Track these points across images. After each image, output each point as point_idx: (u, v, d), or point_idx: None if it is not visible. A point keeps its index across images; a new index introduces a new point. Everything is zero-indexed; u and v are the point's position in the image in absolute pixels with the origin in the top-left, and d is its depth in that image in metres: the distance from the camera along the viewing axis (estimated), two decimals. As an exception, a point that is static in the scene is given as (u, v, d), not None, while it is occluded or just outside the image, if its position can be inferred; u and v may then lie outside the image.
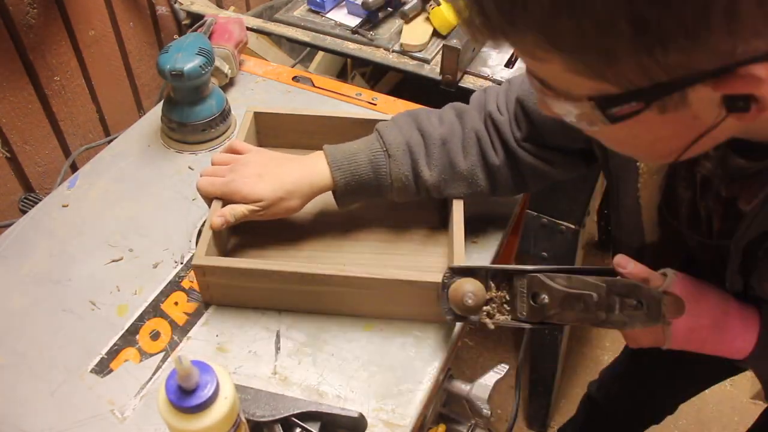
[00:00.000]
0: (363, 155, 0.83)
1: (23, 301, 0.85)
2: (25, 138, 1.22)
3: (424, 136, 0.84)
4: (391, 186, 0.84)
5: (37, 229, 0.94)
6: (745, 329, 0.69)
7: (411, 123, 0.85)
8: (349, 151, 0.84)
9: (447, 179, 0.84)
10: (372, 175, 0.83)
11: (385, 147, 0.83)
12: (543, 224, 1.41)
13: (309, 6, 1.44)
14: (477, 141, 0.84)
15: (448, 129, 0.84)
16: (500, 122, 0.83)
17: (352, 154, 0.84)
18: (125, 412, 0.75)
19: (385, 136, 0.84)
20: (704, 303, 0.69)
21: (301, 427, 0.71)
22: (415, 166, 0.83)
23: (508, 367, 0.88)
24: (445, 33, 1.32)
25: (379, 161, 0.83)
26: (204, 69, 1.00)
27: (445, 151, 0.83)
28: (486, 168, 0.84)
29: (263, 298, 0.83)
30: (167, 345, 0.81)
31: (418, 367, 0.79)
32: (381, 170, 0.83)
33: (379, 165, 0.83)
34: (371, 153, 0.83)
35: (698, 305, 0.69)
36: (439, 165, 0.83)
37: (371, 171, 0.83)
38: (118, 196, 0.99)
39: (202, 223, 0.95)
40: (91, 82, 1.32)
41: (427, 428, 0.87)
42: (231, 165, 0.86)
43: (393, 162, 0.83)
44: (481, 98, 0.87)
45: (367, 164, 0.83)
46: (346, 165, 0.83)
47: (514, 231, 1.21)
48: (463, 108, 0.87)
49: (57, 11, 1.20)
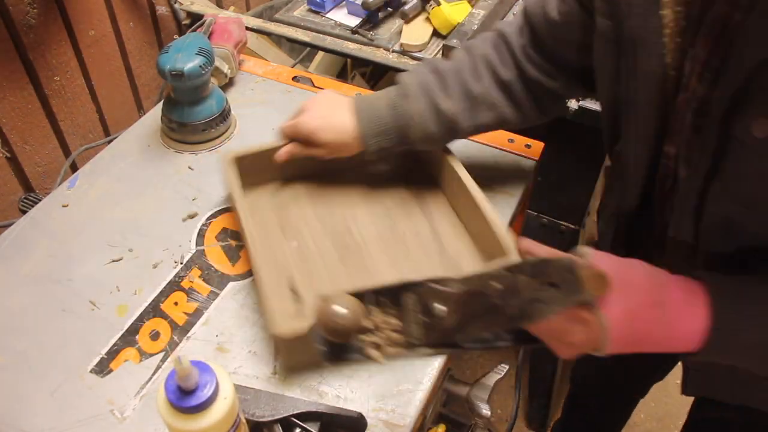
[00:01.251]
0: (383, 101, 0.88)
1: (23, 301, 0.85)
2: (25, 138, 1.22)
3: (437, 72, 0.87)
4: (410, 125, 0.86)
5: (37, 229, 0.94)
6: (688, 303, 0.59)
7: (426, 66, 0.89)
8: (373, 97, 0.89)
9: (467, 107, 0.86)
10: (392, 118, 0.86)
11: (402, 89, 0.87)
12: (543, 224, 1.41)
13: (309, 6, 1.44)
14: (487, 63, 0.86)
15: (459, 60, 0.87)
16: (509, 36, 0.86)
17: (374, 100, 0.88)
18: (125, 412, 0.75)
19: (402, 80, 0.88)
20: (635, 278, 0.60)
21: (301, 427, 0.71)
22: (432, 100, 0.85)
23: (508, 367, 0.88)
24: (445, 33, 1.32)
25: (396, 102, 0.86)
26: (204, 69, 1.00)
27: (459, 80, 0.86)
28: (501, 86, 0.86)
29: None
30: (167, 345, 0.81)
31: (418, 367, 0.79)
32: (398, 110, 0.86)
33: (396, 105, 0.86)
34: (389, 98, 0.87)
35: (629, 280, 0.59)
36: (456, 93, 0.86)
37: (390, 112, 0.86)
38: (118, 196, 0.99)
39: (203, 223, 0.95)
40: (91, 82, 1.32)
41: (427, 428, 0.87)
42: (302, 106, 0.93)
43: (410, 100, 0.86)
44: (488, 33, 0.90)
45: (386, 108, 0.87)
46: (366, 109, 0.87)
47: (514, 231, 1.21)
48: (471, 42, 0.90)
49: (57, 11, 1.20)
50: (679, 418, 1.76)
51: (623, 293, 0.58)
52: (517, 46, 0.86)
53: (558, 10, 0.81)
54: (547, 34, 0.83)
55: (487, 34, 0.90)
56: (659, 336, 0.60)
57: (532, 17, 0.84)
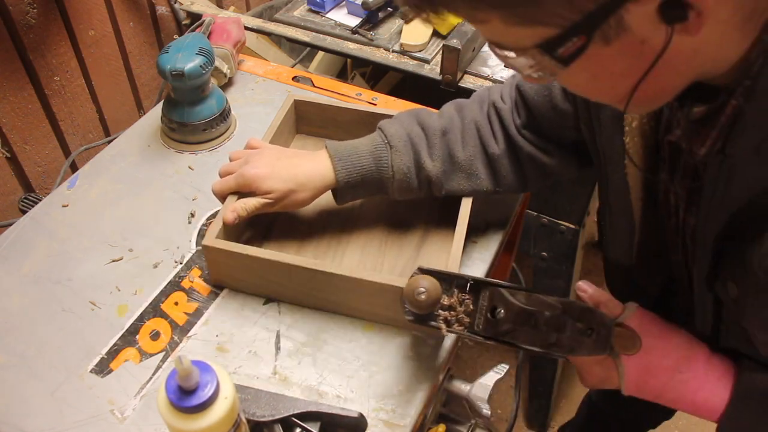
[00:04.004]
0: (365, 148, 0.84)
1: (23, 301, 0.85)
2: (25, 138, 1.22)
3: (424, 128, 0.84)
4: (392, 179, 0.84)
5: (37, 229, 0.94)
6: (709, 380, 0.65)
7: (412, 118, 0.86)
8: (352, 145, 0.85)
9: (447, 171, 0.84)
10: (374, 167, 0.84)
11: (387, 139, 0.84)
12: (543, 224, 1.41)
13: (309, 6, 1.44)
14: (476, 131, 0.84)
15: (448, 121, 0.85)
16: (503, 110, 0.84)
17: (354, 148, 0.84)
18: (125, 412, 0.75)
19: (387, 130, 0.85)
20: (665, 342, 0.67)
21: (301, 427, 0.71)
22: (417, 158, 0.83)
23: (508, 367, 0.88)
24: (445, 33, 1.32)
25: (381, 153, 0.83)
26: (204, 69, 1.00)
27: (445, 142, 0.84)
28: (486, 158, 0.85)
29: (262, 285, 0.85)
30: (167, 345, 0.81)
31: (418, 367, 0.79)
32: (383, 162, 0.83)
33: (381, 157, 0.83)
34: (373, 146, 0.84)
35: (658, 344, 0.66)
36: (441, 156, 0.84)
37: (373, 163, 0.84)
38: (118, 196, 0.99)
39: (203, 223, 0.95)
40: (91, 82, 1.32)
41: (427, 428, 0.87)
42: (244, 158, 0.87)
43: (395, 153, 0.83)
44: (484, 93, 0.88)
45: (369, 156, 0.84)
46: (347, 158, 0.84)
47: (514, 231, 1.21)
48: (463, 102, 0.88)
49: (57, 11, 1.20)
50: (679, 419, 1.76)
51: (647, 352, 0.65)
52: (511, 123, 0.84)
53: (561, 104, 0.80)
54: (547, 118, 0.82)
55: (480, 98, 0.88)
56: (673, 398, 0.67)
57: (528, 99, 0.83)
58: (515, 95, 0.85)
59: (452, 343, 0.82)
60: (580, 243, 1.44)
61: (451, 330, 0.69)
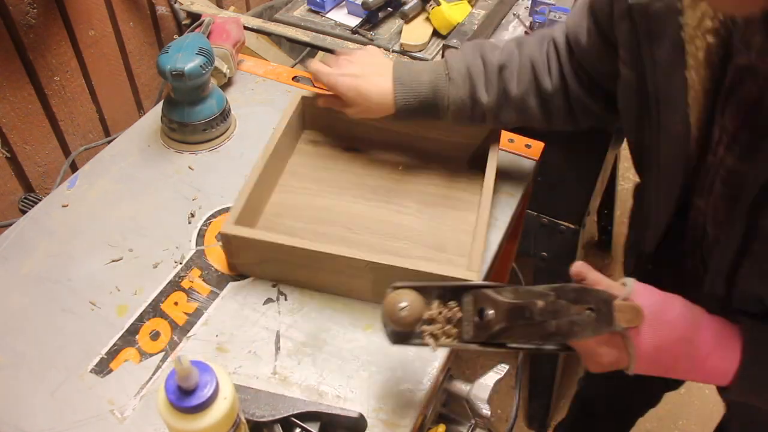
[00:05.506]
0: (426, 76, 0.88)
1: (23, 301, 0.85)
2: (25, 138, 1.22)
3: (485, 62, 0.87)
4: (448, 108, 0.88)
5: (37, 229, 0.94)
6: (719, 345, 0.64)
7: (476, 50, 0.89)
8: (416, 71, 0.89)
9: (501, 105, 0.87)
10: (431, 96, 0.88)
11: (447, 71, 0.88)
12: (543, 224, 1.41)
13: (309, 6, 1.44)
14: (531, 68, 0.87)
15: (507, 56, 0.87)
16: (560, 45, 0.86)
17: (417, 74, 0.89)
18: (125, 412, 0.75)
19: (450, 60, 0.88)
20: (670, 314, 0.64)
21: (301, 427, 0.71)
22: (473, 91, 0.87)
23: (508, 367, 0.88)
24: (445, 33, 1.32)
25: (441, 83, 0.87)
26: (204, 68, 1.00)
27: (502, 78, 0.87)
28: (538, 94, 0.87)
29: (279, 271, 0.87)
30: (167, 345, 0.81)
31: (418, 367, 0.79)
32: (441, 92, 0.88)
33: (440, 87, 0.88)
34: (434, 74, 0.88)
35: (662, 316, 0.64)
36: (495, 91, 0.87)
37: (431, 92, 0.88)
38: (118, 196, 0.99)
39: (202, 223, 0.95)
40: (91, 82, 1.32)
41: (427, 428, 0.87)
42: (342, 57, 0.94)
43: (453, 85, 0.87)
44: (547, 30, 0.90)
45: (428, 84, 0.88)
46: (408, 83, 0.88)
47: (514, 231, 1.21)
48: (524, 39, 0.90)
49: (57, 11, 1.20)
50: (679, 418, 1.76)
51: (654, 326, 0.63)
52: (565, 59, 0.85)
53: (586, 41, 0.80)
54: (582, 57, 0.83)
55: (542, 35, 0.89)
56: (685, 368, 0.65)
57: (570, 36, 0.84)
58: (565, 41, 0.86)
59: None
60: (580, 243, 1.44)
61: (440, 344, 0.67)
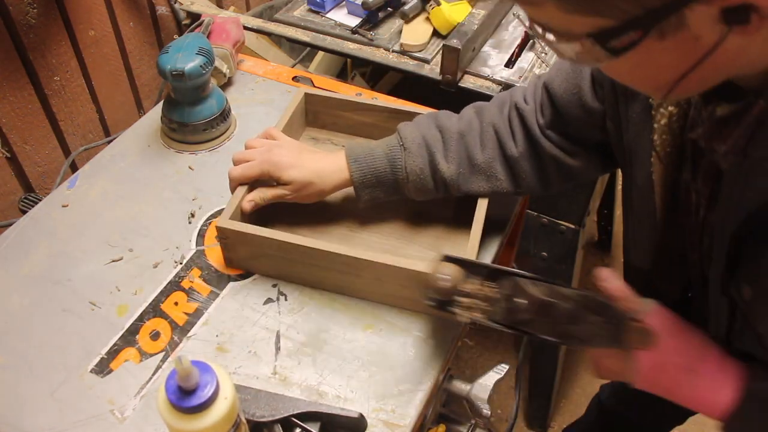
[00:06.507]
0: (380, 150, 0.87)
1: (23, 301, 0.85)
2: (25, 138, 1.22)
3: (441, 131, 0.86)
4: (407, 180, 0.85)
5: (37, 229, 0.94)
6: (720, 380, 0.65)
7: (430, 121, 0.87)
8: (369, 147, 0.88)
9: (465, 173, 0.85)
10: (389, 169, 0.86)
11: (402, 141, 0.86)
12: (543, 224, 1.41)
13: (309, 6, 1.44)
14: (495, 134, 0.85)
15: (467, 124, 0.86)
16: (525, 111, 0.85)
17: (370, 149, 0.87)
18: (125, 412, 0.75)
19: (403, 132, 0.87)
20: (680, 341, 0.66)
21: (301, 428, 0.71)
22: (431, 160, 0.85)
23: (508, 367, 0.88)
24: (445, 33, 1.32)
25: (396, 155, 0.85)
26: (204, 69, 1.00)
27: (463, 145, 0.85)
28: (504, 160, 0.85)
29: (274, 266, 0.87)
30: (167, 345, 0.81)
31: (418, 367, 0.79)
32: (396, 163, 0.85)
33: (395, 158, 0.85)
34: (388, 147, 0.86)
35: (672, 342, 0.66)
36: (457, 158, 0.85)
37: (387, 165, 0.86)
38: (118, 196, 0.99)
39: (202, 223, 0.95)
40: (91, 82, 1.32)
41: (427, 428, 0.87)
42: (267, 147, 0.89)
43: (409, 155, 0.85)
44: (506, 95, 0.89)
45: (384, 158, 0.86)
46: (362, 159, 0.86)
47: (514, 231, 1.21)
48: (483, 105, 0.89)
49: (57, 11, 1.20)
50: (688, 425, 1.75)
51: (661, 350, 0.65)
52: (534, 124, 0.84)
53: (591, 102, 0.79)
54: (575, 117, 0.81)
55: (501, 100, 0.88)
56: (682, 396, 0.67)
57: (556, 98, 0.82)
58: (542, 95, 0.84)
59: (452, 343, 0.82)
60: (580, 243, 1.44)
61: (471, 316, 0.71)
